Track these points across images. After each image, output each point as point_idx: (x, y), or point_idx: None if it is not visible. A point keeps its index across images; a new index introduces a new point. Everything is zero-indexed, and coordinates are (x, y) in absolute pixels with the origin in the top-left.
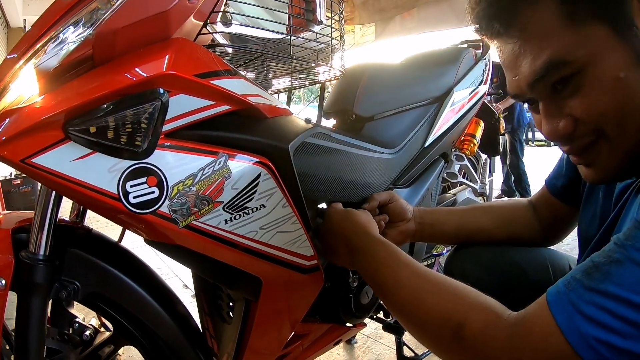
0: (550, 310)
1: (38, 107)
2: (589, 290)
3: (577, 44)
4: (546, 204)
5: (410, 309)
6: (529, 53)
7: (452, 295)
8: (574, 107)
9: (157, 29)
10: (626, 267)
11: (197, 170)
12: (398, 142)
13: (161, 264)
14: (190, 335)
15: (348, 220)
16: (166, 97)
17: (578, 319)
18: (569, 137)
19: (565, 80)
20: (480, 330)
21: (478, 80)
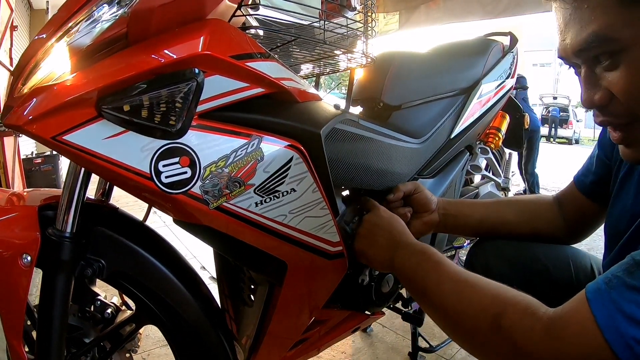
0: (590, 307)
1: (70, 84)
2: (631, 289)
3: (625, 24)
4: (573, 201)
5: (449, 303)
6: (579, 21)
7: (491, 290)
8: (611, 83)
9: (192, 8)
10: None
11: (230, 152)
12: (424, 132)
13: (180, 245)
14: (212, 316)
15: (396, 219)
16: (201, 78)
17: (618, 318)
18: (603, 110)
19: (607, 55)
20: (518, 321)
21: (505, 73)
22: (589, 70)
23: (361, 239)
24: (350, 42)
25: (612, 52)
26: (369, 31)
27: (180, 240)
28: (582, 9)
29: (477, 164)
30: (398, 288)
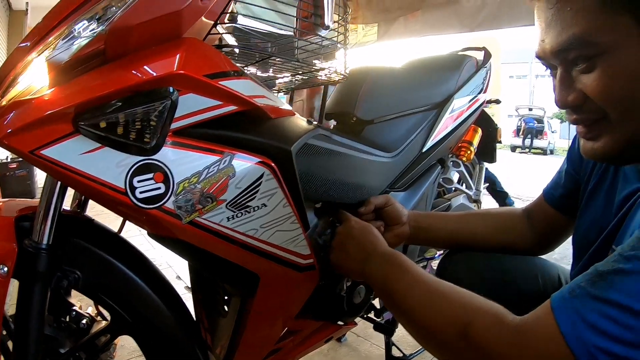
0: (554, 316)
1: (48, 99)
2: (593, 298)
3: (604, 29)
4: (542, 214)
5: (419, 313)
6: (560, 23)
7: (460, 299)
8: (586, 85)
9: (169, 27)
10: (630, 277)
11: (203, 169)
12: (397, 146)
13: (155, 254)
14: (186, 327)
15: (368, 230)
16: (176, 96)
17: (581, 326)
18: (576, 110)
19: (584, 58)
20: (485, 330)
21: (478, 88)
22: (565, 72)
23: (334, 250)
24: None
25: (590, 56)
26: (343, 48)
27: (155, 249)
28: (564, 11)
29: (449, 177)
30: (370, 299)
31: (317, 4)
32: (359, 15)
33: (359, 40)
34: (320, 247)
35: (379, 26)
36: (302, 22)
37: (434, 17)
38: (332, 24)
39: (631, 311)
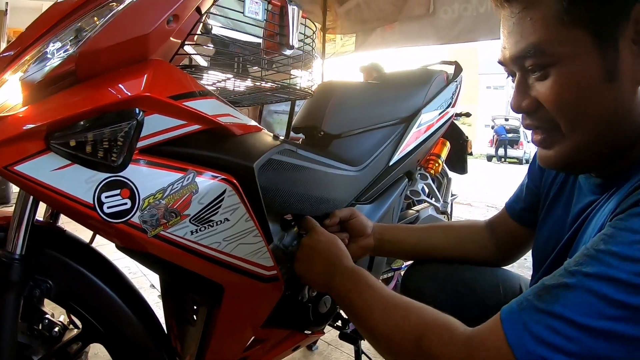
0: (503, 328)
1: (22, 117)
2: (538, 311)
3: (559, 41)
4: (504, 226)
5: (378, 326)
6: (520, 31)
7: (414, 312)
8: (539, 92)
9: (136, 50)
10: (574, 291)
11: (167, 185)
12: (363, 160)
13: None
14: (155, 335)
15: (333, 243)
16: (142, 117)
17: (526, 337)
18: (530, 115)
19: (539, 66)
20: (438, 342)
21: (447, 102)
22: (522, 78)
23: (300, 263)
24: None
25: (544, 65)
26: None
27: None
28: (525, 20)
29: (417, 189)
30: (336, 308)
31: (283, 24)
32: (337, 25)
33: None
34: (287, 258)
35: (357, 37)
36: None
37: (410, 29)
38: (297, 44)
39: (574, 323)
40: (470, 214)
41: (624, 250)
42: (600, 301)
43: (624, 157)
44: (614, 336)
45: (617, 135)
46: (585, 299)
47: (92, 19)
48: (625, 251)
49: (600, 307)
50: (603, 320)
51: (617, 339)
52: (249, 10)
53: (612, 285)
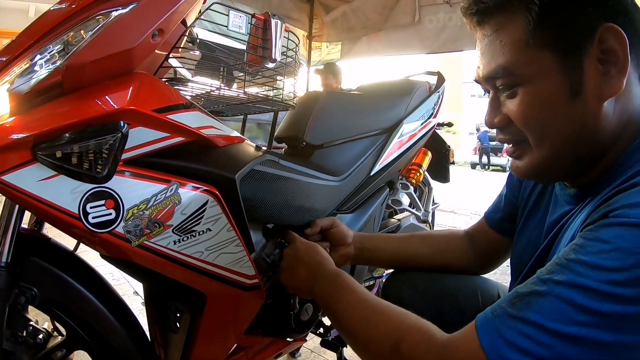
0: (477, 334)
1: (9, 127)
2: (511, 318)
3: (527, 63)
4: (483, 235)
5: (358, 329)
6: (491, 53)
7: (394, 317)
8: (509, 109)
9: (122, 63)
10: (545, 298)
11: (151, 196)
12: (345, 170)
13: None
14: (139, 343)
15: (314, 250)
16: (126, 129)
17: (500, 343)
18: (502, 130)
19: (508, 86)
20: (415, 346)
21: (428, 113)
22: (494, 96)
23: (284, 273)
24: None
25: (512, 85)
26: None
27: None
28: (496, 42)
29: (398, 199)
30: (318, 316)
31: (266, 38)
32: (323, 33)
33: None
34: (269, 267)
35: (343, 44)
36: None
37: (396, 38)
38: (279, 58)
39: (545, 329)
40: (453, 221)
41: (593, 259)
42: (571, 308)
43: (593, 168)
44: (584, 341)
45: (584, 149)
46: (556, 305)
47: (79, 32)
48: (594, 260)
49: (570, 314)
50: (573, 326)
51: (586, 344)
52: (233, 24)
53: (582, 292)
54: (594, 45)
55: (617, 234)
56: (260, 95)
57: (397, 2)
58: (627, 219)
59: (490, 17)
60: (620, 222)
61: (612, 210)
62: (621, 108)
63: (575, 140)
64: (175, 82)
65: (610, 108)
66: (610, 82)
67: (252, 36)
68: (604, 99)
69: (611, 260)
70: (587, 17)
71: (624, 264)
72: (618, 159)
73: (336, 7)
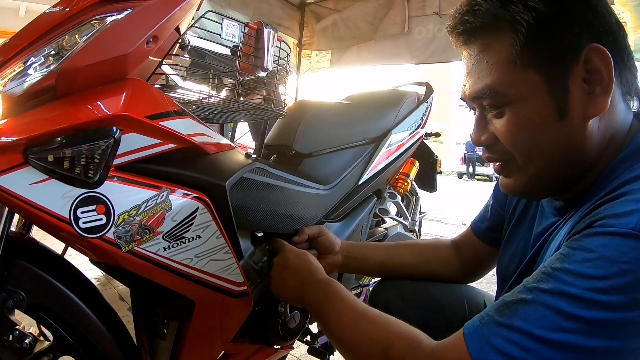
0: (465, 341)
1: (1, 129)
2: (498, 325)
3: (513, 83)
4: (470, 245)
5: (348, 336)
6: (477, 73)
7: (382, 324)
8: (496, 128)
9: (116, 69)
10: (531, 306)
11: (142, 202)
12: (333, 179)
13: (99, 274)
14: (126, 349)
15: (303, 258)
16: (119, 135)
17: (487, 349)
18: (489, 148)
19: (495, 106)
20: (403, 353)
21: (417, 123)
22: (480, 114)
23: (273, 281)
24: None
25: (499, 105)
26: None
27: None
28: (482, 62)
29: (385, 208)
30: (305, 324)
31: (258, 47)
32: (313, 41)
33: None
34: (257, 274)
35: (332, 53)
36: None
37: (385, 48)
38: (271, 67)
39: (530, 336)
40: (440, 230)
41: (578, 268)
42: (556, 315)
43: (579, 183)
44: (569, 347)
45: (570, 166)
46: (542, 313)
47: (74, 36)
48: (578, 269)
49: (555, 321)
50: (558, 333)
51: (571, 350)
52: (226, 32)
53: (567, 300)
54: (580, 65)
55: (601, 243)
56: (251, 103)
57: (387, 13)
58: (611, 228)
59: (476, 37)
60: (605, 232)
61: (597, 220)
62: (605, 124)
63: (561, 159)
64: (167, 89)
65: (595, 126)
66: (595, 101)
67: (244, 45)
68: (589, 118)
69: (595, 268)
70: (572, 38)
71: (607, 272)
72: (602, 172)
73: (327, 16)
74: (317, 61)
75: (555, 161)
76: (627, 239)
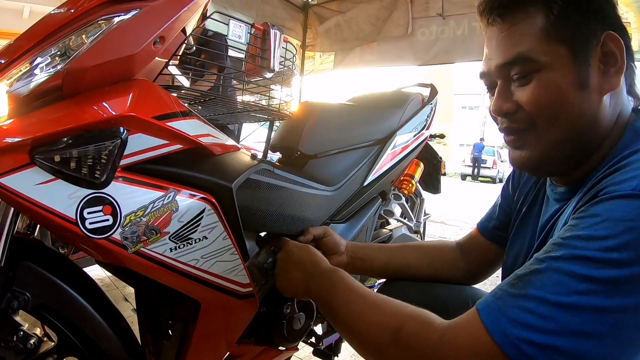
0: (480, 316)
1: (6, 129)
2: (513, 297)
3: (544, 52)
4: (475, 245)
5: (357, 321)
6: (509, 43)
7: (392, 307)
8: (521, 96)
9: (123, 69)
10: (545, 274)
11: (148, 203)
12: (338, 180)
13: (103, 275)
14: (131, 350)
15: (307, 251)
16: (126, 136)
17: (503, 322)
18: (509, 118)
19: (523, 73)
20: (415, 333)
21: (421, 125)
22: (504, 84)
23: (279, 277)
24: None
25: (528, 72)
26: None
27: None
28: (515, 34)
29: (390, 209)
30: (310, 325)
31: (265, 48)
32: (317, 43)
33: (315, 67)
34: (262, 275)
35: (336, 55)
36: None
37: (389, 50)
38: (277, 68)
39: (547, 302)
40: (443, 231)
41: (587, 232)
42: (570, 279)
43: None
44: (586, 310)
45: (583, 139)
46: (555, 279)
47: (81, 37)
48: (588, 233)
49: (570, 284)
50: (574, 296)
51: (588, 312)
52: (233, 33)
53: (579, 263)
54: (598, 47)
55: (606, 207)
56: (257, 104)
57: (391, 14)
58: (614, 193)
59: (511, 12)
60: (608, 197)
61: (600, 191)
62: (615, 103)
63: (579, 126)
64: (173, 90)
65: (607, 102)
66: (609, 79)
67: (251, 46)
68: (604, 92)
69: (603, 229)
70: (595, 22)
71: (614, 231)
72: (605, 157)
73: (330, 18)
74: (321, 63)
75: (573, 128)
76: (629, 200)
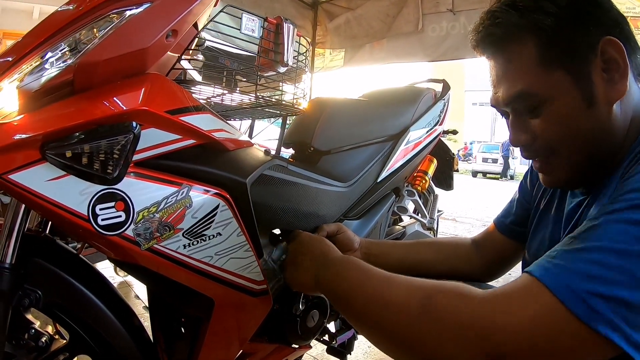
0: (536, 277)
1: (17, 125)
2: (573, 251)
3: (544, 83)
4: (492, 241)
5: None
6: (508, 80)
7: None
8: (534, 127)
9: (135, 63)
10: (602, 227)
11: (162, 199)
12: (352, 177)
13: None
14: (143, 347)
15: (318, 241)
16: (138, 130)
17: (565, 276)
18: (528, 147)
19: (530, 107)
20: (450, 300)
21: (435, 120)
22: (516, 117)
23: (288, 267)
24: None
25: (534, 105)
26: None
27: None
28: (509, 70)
29: (404, 206)
30: (324, 322)
31: (278, 42)
32: (327, 40)
33: (325, 64)
34: (276, 272)
35: (346, 52)
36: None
37: (398, 46)
38: (291, 62)
39: (611, 251)
40: (455, 229)
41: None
42: (633, 226)
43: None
44: None
45: (603, 150)
46: (617, 228)
47: (91, 31)
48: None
49: (634, 232)
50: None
51: None
52: (246, 27)
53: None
54: (597, 58)
55: None
56: (271, 100)
57: (400, 11)
58: None
59: (502, 48)
60: None
61: None
62: (626, 106)
63: (596, 142)
64: (185, 85)
65: (618, 109)
66: (615, 87)
67: (264, 40)
68: (612, 102)
69: None
70: (588, 35)
71: None
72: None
73: (340, 14)
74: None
75: (592, 145)
76: None
